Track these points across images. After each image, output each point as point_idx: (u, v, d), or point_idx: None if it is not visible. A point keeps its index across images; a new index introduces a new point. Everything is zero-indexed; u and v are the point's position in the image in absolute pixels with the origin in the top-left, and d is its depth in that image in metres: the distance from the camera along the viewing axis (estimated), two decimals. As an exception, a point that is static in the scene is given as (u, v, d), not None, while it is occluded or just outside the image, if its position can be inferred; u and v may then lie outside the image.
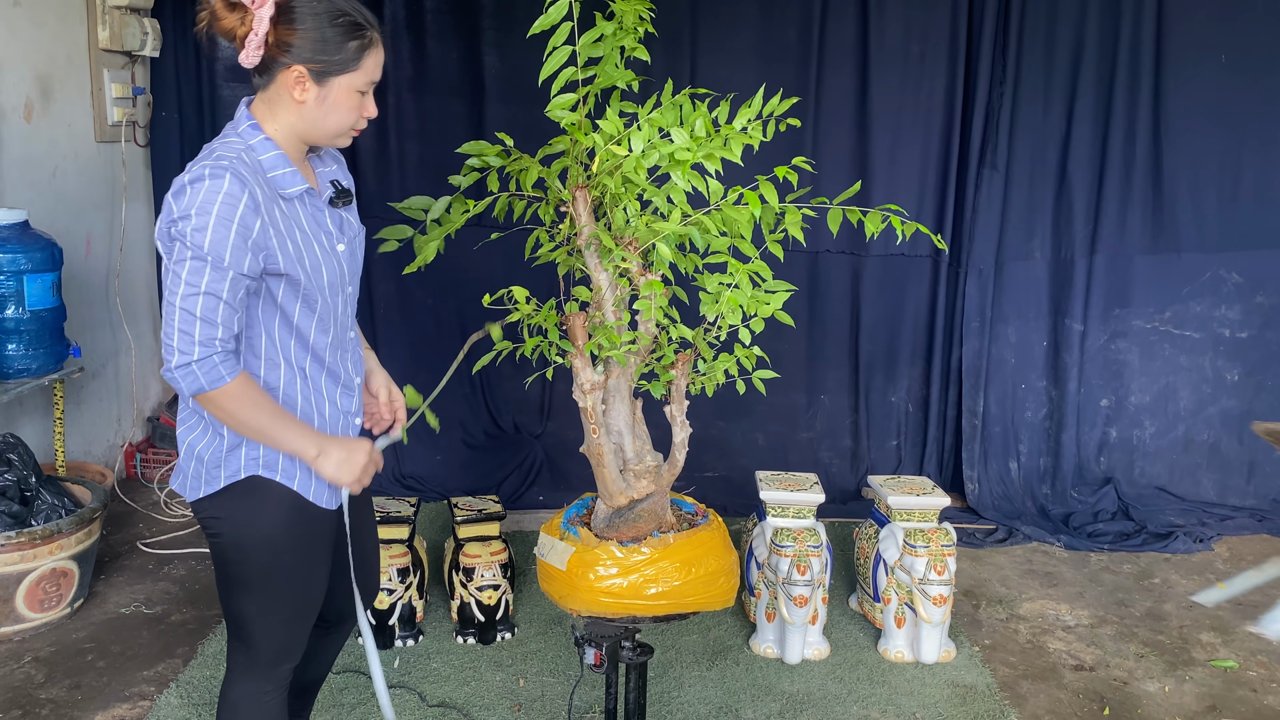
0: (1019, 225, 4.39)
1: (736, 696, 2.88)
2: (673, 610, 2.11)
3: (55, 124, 3.86)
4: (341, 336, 1.87)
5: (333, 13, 1.70)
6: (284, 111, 1.74)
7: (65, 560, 3.10)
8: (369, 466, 1.83)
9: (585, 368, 2.10)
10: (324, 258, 1.78)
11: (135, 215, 4.35)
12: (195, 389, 1.66)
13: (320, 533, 1.89)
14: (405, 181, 4.44)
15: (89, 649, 3.03)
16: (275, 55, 1.70)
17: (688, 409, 2.20)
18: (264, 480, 1.79)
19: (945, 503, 3.13)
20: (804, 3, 4.28)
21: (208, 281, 1.62)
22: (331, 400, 1.86)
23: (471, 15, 4.32)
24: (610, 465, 2.13)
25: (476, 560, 3.09)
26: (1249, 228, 4.33)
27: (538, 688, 2.90)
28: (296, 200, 1.76)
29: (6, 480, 3.13)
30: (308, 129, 1.76)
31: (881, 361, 4.59)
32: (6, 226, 3.25)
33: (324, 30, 1.69)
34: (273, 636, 1.89)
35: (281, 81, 1.72)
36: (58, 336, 3.45)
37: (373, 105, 1.80)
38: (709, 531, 2.20)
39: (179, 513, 4.06)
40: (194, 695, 2.79)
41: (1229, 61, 4.22)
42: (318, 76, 1.71)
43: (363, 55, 1.73)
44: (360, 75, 1.74)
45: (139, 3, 4.09)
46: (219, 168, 1.63)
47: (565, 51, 1.95)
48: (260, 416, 1.71)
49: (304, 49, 1.69)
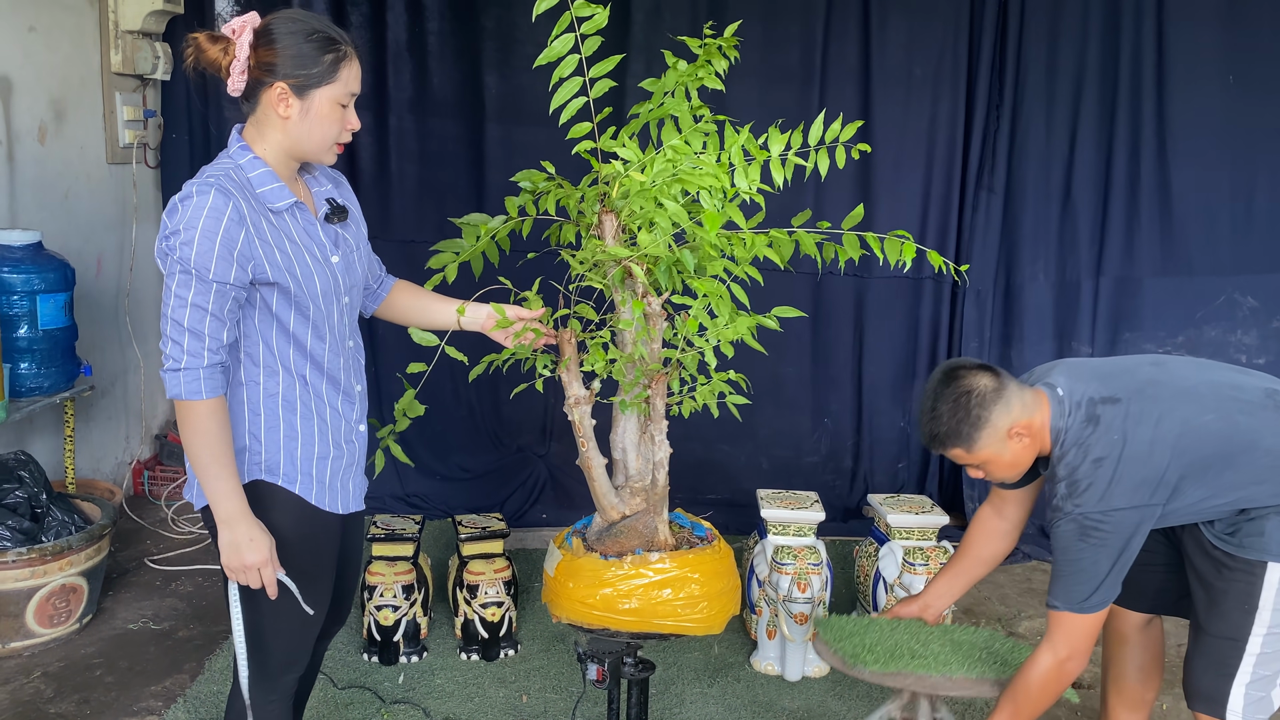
0: (1022, 248, 4.42)
1: (738, 713, 2.91)
2: (644, 629, 2.09)
3: (68, 146, 3.93)
4: (339, 345, 1.92)
5: (307, 30, 1.79)
6: (271, 130, 1.82)
7: (75, 576, 3.14)
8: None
9: (573, 382, 2.14)
10: (316, 267, 1.84)
11: (145, 236, 4.42)
12: (174, 394, 1.74)
13: (326, 538, 1.94)
14: (405, 202, 4.50)
15: (97, 664, 3.07)
16: (258, 77, 1.79)
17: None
18: (267, 485, 1.85)
19: (944, 521, 3.17)
20: (807, 26, 4.35)
21: (194, 294, 1.71)
22: (333, 406, 1.92)
23: (472, 38, 4.39)
24: (600, 479, 2.17)
25: (480, 577, 3.13)
26: (1264, 250, 4.33)
27: (540, 704, 2.93)
28: (285, 213, 1.83)
29: (18, 497, 3.17)
30: (294, 144, 1.83)
31: (885, 383, 4.62)
32: (20, 247, 3.31)
33: (300, 46, 1.78)
34: (280, 644, 1.93)
35: (266, 101, 1.80)
36: (69, 355, 3.51)
37: (354, 117, 1.88)
38: (699, 555, 2.16)
39: (186, 530, 4.10)
40: (201, 711, 2.82)
41: (1236, 83, 4.23)
42: (299, 90, 1.79)
43: (338, 67, 1.81)
44: (338, 86, 1.82)
45: (151, 27, 4.16)
46: (205, 184, 1.72)
47: (576, 82, 2.00)
48: (206, 448, 1.74)
49: (283, 66, 1.78)
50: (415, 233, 4.42)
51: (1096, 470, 1.99)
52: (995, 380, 2.08)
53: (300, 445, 1.87)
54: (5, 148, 3.57)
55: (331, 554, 1.96)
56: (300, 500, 1.88)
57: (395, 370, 4.42)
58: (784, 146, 2.05)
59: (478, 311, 2.17)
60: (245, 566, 1.79)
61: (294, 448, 1.86)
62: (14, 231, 3.34)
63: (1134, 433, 2.01)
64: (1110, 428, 2.02)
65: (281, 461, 1.85)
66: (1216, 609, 2.09)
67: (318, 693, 2.92)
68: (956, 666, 2.23)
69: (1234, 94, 4.24)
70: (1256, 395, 2.09)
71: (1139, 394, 2.06)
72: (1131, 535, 2.01)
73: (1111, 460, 1.99)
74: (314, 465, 1.89)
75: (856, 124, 2.08)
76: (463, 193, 4.50)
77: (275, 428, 1.85)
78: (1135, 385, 2.08)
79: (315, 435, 1.89)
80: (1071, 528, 2.01)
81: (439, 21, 4.40)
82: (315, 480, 1.89)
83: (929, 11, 4.36)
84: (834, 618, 2.44)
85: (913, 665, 2.23)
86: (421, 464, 4.54)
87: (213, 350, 1.73)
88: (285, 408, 1.85)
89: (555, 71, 1.97)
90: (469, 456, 4.61)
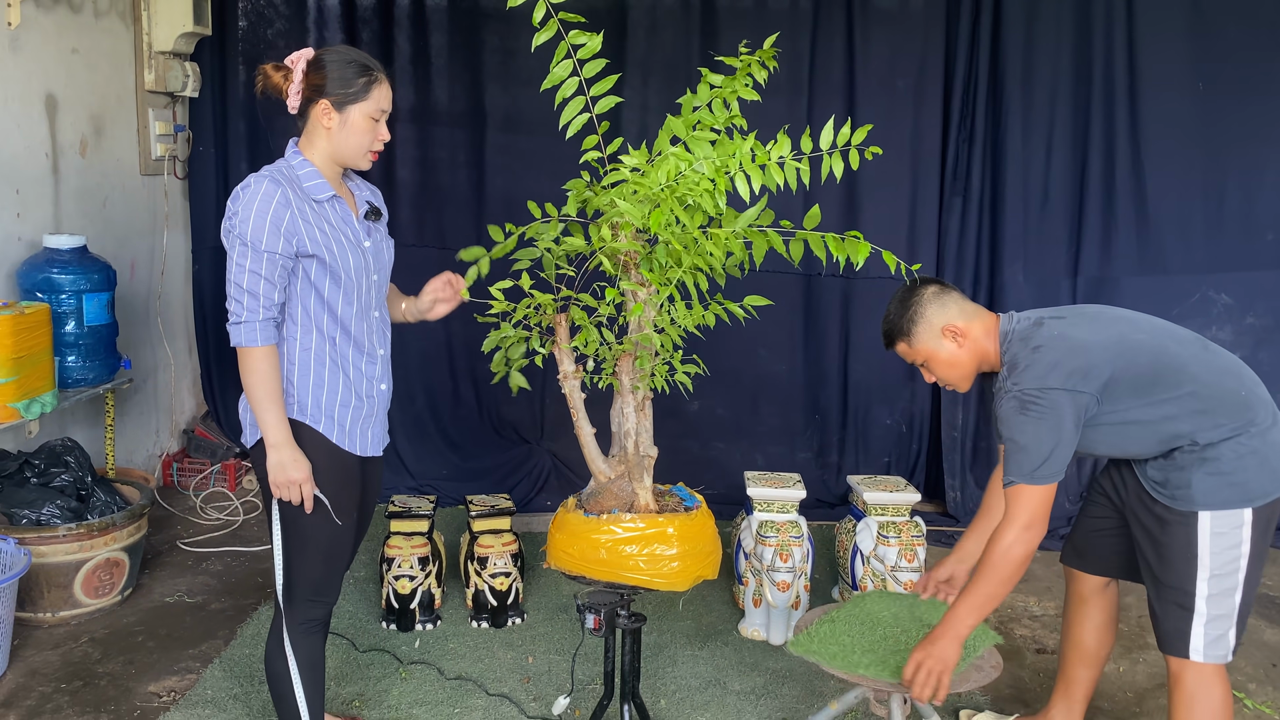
0: (1003, 249, 4.59)
1: (725, 672, 3.17)
2: (612, 578, 2.36)
3: (106, 159, 4.23)
4: (366, 313, 2.31)
5: (346, 59, 2.22)
6: (318, 139, 2.25)
7: (118, 551, 3.42)
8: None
9: (564, 359, 2.42)
10: (349, 247, 2.25)
11: (175, 242, 4.72)
12: (236, 342, 2.16)
13: (347, 477, 2.31)
14: (412, 204, 4.79)
15: (139, 631, 3.34)
16: (309, 97, 2.22)
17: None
18: (297, 423, 2.24)
19: (916, 498, 3.43)
20: (793, 38, 4.57)
21: (250, 262, 2.13)
22: (355, 366, 2.31)
23: (474, 52, 4.68)
24: (588, 445, 2.45)
25: (490, 550, 3.41)
26: (1236, 250, 4.46)
27: (545, 664, 3.20)
28: (325, 204, 2.24)
29: (64, 480, 3.46)
30: (336, 150, 2.24)
31: (873, 381, 4.81)
32: (68, 250, 3.61)
33: (341, 71, 2.21)
34: (308, 573, 2.30)
35: (314, 116, 2.23)
36: (111, 350, 3.81)
37: (385, 131, 2.28)
38: (670, 519, 2.38)
39: (214, 517, 4.38)
40: (235, 669, 3.10)
41: (1206, 89, 4.40)
42: (339, 105, 2.21)
43: (370, 88, 2.23)
44: (370, 104, 2.23)
45: (181, 48, 4.47)
46: (260, 176, 2.17)
47: (579, 101, 2.27)
48: (260, 385, 2.16)
49: (328, 86, 2.20)
50: (416, 238, 4.73)
51: (1035, 355, 2.27)
52: (940, 288, 2.43)
53: (325, 393, 2.26)
54: (51, 160, 3.88)
55: (352, 493, 2.33)
56: (324, 438, 2.26)
57: (401, 364, 4.74)
58: (789, 149, 2.24)
59: (415, 305, 2.53)
60: (289, 481, 2.19)
61: (320, 395, 2.26)
62: (62, 236, 3.64)
63: (1072, 332, 2.31)
64: (1051, 329, 2.32)
65: (309, 404, 2.25)
66: (1165, 561, 2.34)
67: (341, 654, 3.20)
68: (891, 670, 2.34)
69: (1204, 99, 4.39)
70: (1189, 335, 2.39)
71: (1082, 314, 2.40)
72: (1066, 416, 2.24)
73: (1049, 349, 2.27)
74: (336, 411, 2.28)
75: (867, 128, 2.30)
76: (462, 198, 4.79)
77: (306, 376, 2.24)
78: (1080, 310, 2.44)
79: (340, 386, 2.28)
80: (1012, 404, 2.27)
81: (443, 36, 4.68)
82: (337, 424, 2.28)
83: (909, 26, 4.58)
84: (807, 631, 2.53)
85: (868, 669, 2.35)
86: (432, 457, 4.83)
87: (266, 308, 2.15)
88: (316, 361, 2.25)
89: (559, 93, 2.26)
90: (477, 450, 4.88)
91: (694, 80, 2.38)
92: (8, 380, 3.23)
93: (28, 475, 3.43)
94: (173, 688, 3.00)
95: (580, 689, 3.03)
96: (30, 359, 3.30)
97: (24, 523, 3.27)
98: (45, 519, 3.29)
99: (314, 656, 2.37)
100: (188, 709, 2.87)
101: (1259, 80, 4.39)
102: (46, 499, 3.33)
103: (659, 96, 4.65)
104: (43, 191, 3.84)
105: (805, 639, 2.43)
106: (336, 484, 2.28)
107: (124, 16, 4.32)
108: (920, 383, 4.79)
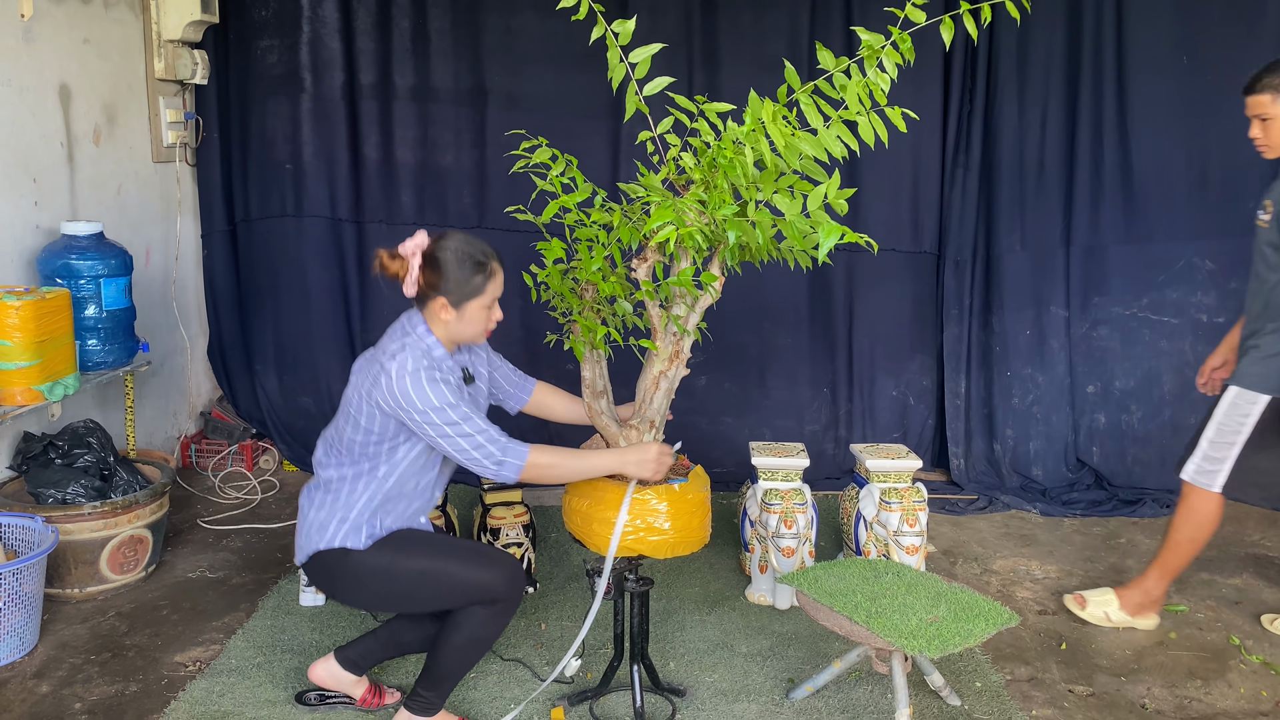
0: (999, 220, 4.68)
1: (732, 635, 3.26)
2: (606, 545, 2.50)
3: (119, 147, 4.31)
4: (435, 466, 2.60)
5: (461, 257, 2.39)
6: (437, 324, 2.47)
7: (141, 528, 3.52)
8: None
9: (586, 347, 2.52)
10: None
11: (188, 228, 4.81)
12: (516, 476, 2.42)
13: (414, 535, 2.59)
14: (412, 184, 4.82)
15: (164, 605, 3.45)
16: (425, 290, 2.42)
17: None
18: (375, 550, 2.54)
19: (917, 465, 3.51)
20: (792, 17, 4.63)
21: (451, 417, 2.35)
22: (395, 512, 2.58)
23: (475, 30, 4.69)
24: (599, 418, 2.59)
25: (502, 521, 3.50)
26: (1218, 217, 4.57)
27: (557, 630, 3.29)
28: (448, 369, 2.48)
29: (88, 460, 3.56)
30: (452, 337, 2.49)
31: (879, 354, 4.89)
32: (86, 237, 3.70)
33: (457, 272, 2.38)
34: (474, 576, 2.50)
35: (432, 307, 2.44)
36: (129, 333, 3.90)
37: (499, 312, 2.49)
38: (660, 493, 2.52)
39: (233, 496, 4.48)
40: (258, 640, 3.20)
41: (1190, 64, 4.52)
42: (455, 303, 2.41)
43: (486, 283, 2.42)
44: (485, 297, 2.44)
45: (190, 36, 4.54)
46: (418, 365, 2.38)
47: (635, 101, 2.36)
48: (568, 464, 2.45)
49: (444, 286, 2.39)
50: (416, 217, 4.79)
51: None
52: None
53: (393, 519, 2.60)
54: (66, 149, 3.96)
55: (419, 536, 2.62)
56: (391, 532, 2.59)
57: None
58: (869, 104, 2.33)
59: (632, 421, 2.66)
60: (657, 463, 2.47)
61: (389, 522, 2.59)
62: (80, 223, 3.72)
63: None
64: None
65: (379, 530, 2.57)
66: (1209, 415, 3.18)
67: (356, 620, 3.30)
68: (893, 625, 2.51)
69: (1187, 73, 4.52)
70: None
71: None
72: None
73: None
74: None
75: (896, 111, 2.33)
76: (464, 177, 4.83)
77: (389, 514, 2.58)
78: None
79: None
80: None
81: (443, 14, 4.69)
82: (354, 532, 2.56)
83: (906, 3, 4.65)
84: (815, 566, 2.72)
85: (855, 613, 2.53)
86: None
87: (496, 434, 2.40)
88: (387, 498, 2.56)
89: (613, 82, 2.37)
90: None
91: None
92: (31, 363, 3.33)
93: (52, 456, 3.53)
94: (198, 658, 3.11)
95: (591, 652, 3.12)
96: (52, 342, 3.40)
97: (50, 502, 3.38)
98: (70, 498, 3.40)
99: None
100: (213, 678, 2.97)
101: (1240, 57, 4.46)
102: (71, 479, 3.43)
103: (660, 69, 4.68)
104: (59, 180, 3.93)
105: (800, 574, 2.56)
106: (412, 542, 2.54)
107: (133, 6, 4.39)
108: (926, 352, 4.86)
